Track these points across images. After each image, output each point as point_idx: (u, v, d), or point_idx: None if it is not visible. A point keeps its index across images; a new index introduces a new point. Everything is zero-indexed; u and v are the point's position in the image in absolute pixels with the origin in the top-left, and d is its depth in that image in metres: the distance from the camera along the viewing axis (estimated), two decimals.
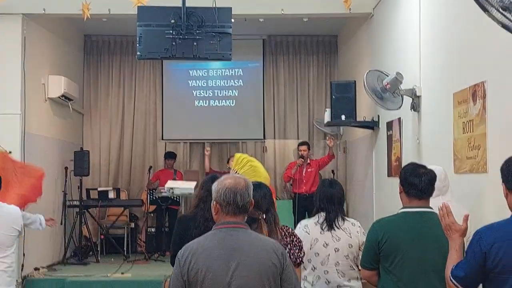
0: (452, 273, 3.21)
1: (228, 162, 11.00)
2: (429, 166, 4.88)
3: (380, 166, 8.47)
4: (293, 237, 4.18)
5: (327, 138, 10.36)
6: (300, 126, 12.54)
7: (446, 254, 3.84)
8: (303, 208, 9.93)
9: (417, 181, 3.99)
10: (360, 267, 4.39)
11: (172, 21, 6.85)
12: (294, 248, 4.16)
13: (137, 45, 6.93)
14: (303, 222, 5.05)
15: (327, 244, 4.86)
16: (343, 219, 4.95)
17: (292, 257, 4.04)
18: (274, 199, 4.44)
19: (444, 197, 4.65)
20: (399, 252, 3.93)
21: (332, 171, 11.38)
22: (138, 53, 6.96)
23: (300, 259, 4.21)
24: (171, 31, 6.86)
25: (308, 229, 4.91)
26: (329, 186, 4.97)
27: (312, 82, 12.58)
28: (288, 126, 12.56)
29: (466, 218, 3.36)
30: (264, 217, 4.03)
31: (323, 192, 4.96)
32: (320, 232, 4.88)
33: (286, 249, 3.97)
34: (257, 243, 3.10)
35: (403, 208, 4.08)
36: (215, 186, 3.18)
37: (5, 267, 5.36)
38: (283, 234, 4.11)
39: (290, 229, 4.28)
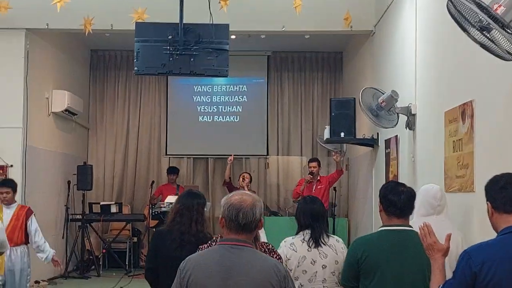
0: None
1: (239, 179, 10.93)
2: (427, 185, 4.88)
3: (379, 184, 8.39)
4: (273, 253, 4.18)
5: (333, 153, 10.32)
6: (304, 142, 12.54)
7: (425, 273, 3.83)
8: None
9: (396, 199, 3.98)
10: (340, 285, 4.38)
11: (170, 37, 6.89)
12: None
13: (135, 60, 6.99)
14: (288, 240, 5.01)
15: (314, 261, 4.85)
16: (328, 236, 4.93)
17: None
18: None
19: (438, 216, 4.61)
20: (378, 270, 3.92)
21: (334, 188, 11.33)
22: (136, 68, 7.01)
23: None
24: (168, 47, 6.90)
25: (295, 246, 4.89)
26: (312, 203, 4.97)
27: (317, 99, 12.60)
28: (291, 142, 12.57)
29: (448, 238, 3.33)
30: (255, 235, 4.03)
31: (306, 209, 4.94)
32: (307, 250, 4.86)
33: None
34: (258, 263, 3.05)
35: (382, 226, 4.07)
36: (223, 201, 3.17)
37: None
38: (263, 250, 4.10)
39: (270, 245, 4.28)
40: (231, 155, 10.64)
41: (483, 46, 3.59)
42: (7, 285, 7.00)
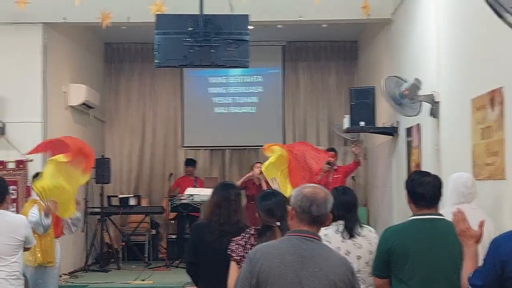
0: (470, 282, 3.14)
1: (252, 168, 10.97)
2: (458, 173, 4.85)
3: (400, 173, 8.41)
4: None
5: (353, 146, 10.28)
6: (320, 132, 12.51)
7: (457, 262, 3.80)
8: None
9: (424, 192, 3.97)
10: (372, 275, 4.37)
11: (190, 28, 6.88)
12: None
13: (155, 53, 6.97)
14: (322, 231, 5.01)
15: (349, 252, 4.83)
16: (361, 226, 4.93)
17: None
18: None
19: (469, 204, 4.60)
20: (409, 260, 3.90)
21: (353, 177, 11.30)
22: (156, 61, 7.00)
23: None
24: (188, 39, 6.89)
25: (329, 238, 4.87)
26: (343, 194, 4.95)
27: (332, 88, 12.55)
28: (308, 132, 12.54)
29: (481, 224, 3.30)
30: (279, 224, 4.02)
31: (339, 200, 4.93)
32: (342, 241, 4.85)
33: None
34: (331, 257, 3.07)
35: (412, 216, 4.05)
36: (294, 192, 3.17)
37: (5, 276, 5.35)
38: None
39: None
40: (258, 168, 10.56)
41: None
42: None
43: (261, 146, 12.31)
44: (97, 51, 12.22)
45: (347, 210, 4.89)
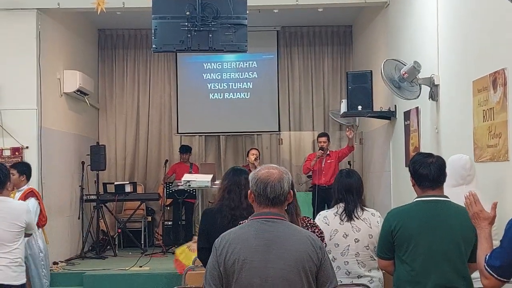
0: (488, 263, 3.14)
1: (247, 155, 11.01)
2: (456, 155, 4.85)
3: (398, 156, 8.41)
4: (314, 228, 4.16)
5: (347, 129, 10.27)
6: (316, 117, 12.49)
7: (458, 244, 3.82)
8: (322, 199, 9.85)
9: (427, 172, 3.98)
10: (377, 257, 4.38)
11: (187, 13, 6.79)
12: None
13: (153, 37, 6.87)
14: (322, 213, 5.05)
15: (346, 235, 4.85)
16: (362, 210, 4.94)
17: None
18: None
19: (468, 186, 4.61)
20: (412, 241, 3.92)
21: (349, 162, 11.30)
22: (154, 45, 6.91)
23: None
24: (186, 23, 6.80)
25: (328, 220, 4.91)
26: (347, 177, 4.96)
27: (327, 73, 12.52)
28: (303, 117, 12.52)
29: (494, 206, 3.32)
30: (286, 207, 4.00)
31: (341, 183, 4.95)
32: (340, 223, 4.87)
33: None
34: (295, 235, 3.06)
35: (417, 197, 4.06)
36: (250, 175, 3.17)
37: (8, 263, 5.34)
38: (304, 225, 4.09)
39: (311, 220, 4.27)
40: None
41: None
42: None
43: (256, 132, 12.46)
44: (91, 37, 12.12)
45: (348, 192, 4.92)
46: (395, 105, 8.48)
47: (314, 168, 10.30)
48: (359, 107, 8.64)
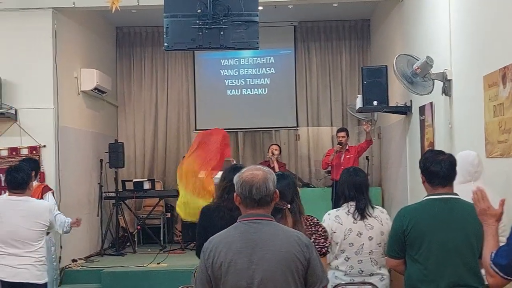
0: (493, 261, 3.09)
1: (268, 151, 11.01)
2: (464, 152, 4.81)
3: (414, 152, 8.35)
4: (318, 227, 4.15)
5: (364, 123, 10.21)
6: (334, 112, 12.44)
7: (471, 242, 3.77)
8: None
9: (438, 170, 3.94)
10: (386, 256, 4.33)
11: (198, 10, 6.80)
12: (319, 238, 4.13)
13: (164, 36, 6.91)
14: (333, 213, 4.99)
15: (360, 234, 4.83)
16: (372, 207, 4.92)
17: (317, 246, 4.01)
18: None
19: (475, 182, 4.57)
20: (425, 240, 3.88)
21: (367, 158, 11.25)
22: (166, 44, 6.93)
23: (326, 248, 4.18)
24: (197, 21, 6.81)
25: (340, 219, 4.87)
26: (355, 175, 4.93)
27: (345, 68, 12.46)
28: (321, 113, 12.48)
29: (502, 203, 3.26)
30: (289, 207, 4.00)
31: (350, 181, 4.91)
32: (353, 222, 4.85)
33: (311, 238, 3.93)
34: (279, 236, 3.05)
35: (427, 195, 4.01)
36: (235, 178, 3.16)
37: (33, 261, 5.43)
38: (307, 224, 4.08)
39: (315, 219, 4.26)
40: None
41: None
42: None
43: (275, 128, 12.45)
44: (108, 35, 12.19)
45: (358, 191, 4.89)
46: (411, 100, 8.42)
47: (333, 163, 10.26)
48: (375, 102, 8.58)
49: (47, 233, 6.07)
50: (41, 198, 7.07)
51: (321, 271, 3.09)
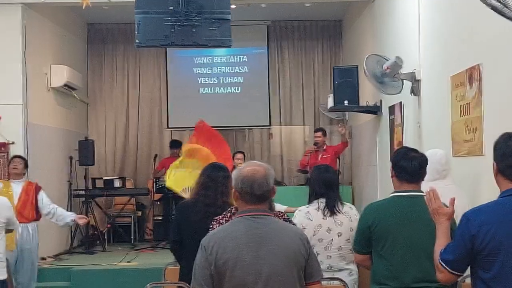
0: (441, 257, 3.17)
1: (233, 158, 10.87)
2: (431, 150, 4.86)
3: (384, 151, 8.42)
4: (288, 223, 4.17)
5: (338, 125, 10.26)
6: (306, 111, 12.49)
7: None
8: None
9: (407, 165, 3.97)
10: (353, 251, 4.38)
11: (171, 8, 6.78)
12: None
13: (136, 32, 6.88)
14: (303, 209, 5.02)
15: (330, 230, 4.87)
16: (342, 204, 4.96)
17: None
18: None
19: (444, 181, 4.63)
20: (390, 237, 3.92)
21: (338, 156, 11.31)
22: (137, 40, 6.90)
23: None
24: (169, 18, 6.79)
25: (311, 215, 4.90)
26: (326, 172, 4.97)
27: (318, 67, 12.53)
28: (294, 112, 12.53)
29: (452, 202, 3.33)
30: None
31: (320, 178, 4.95)
32: (323, 218, 4.88)
33: None
34: (284, 231, 3.10)
35: (394, 192, 4.05)
36: (234, 174, 3.17)
37: None
38: None
39: (285, 215, 4.29)
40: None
41: (493, 8, 3.51)
42: (18, 263, 7.00)
43: (248, 126, 12.45)
44: (80, 32, 12.10)
45: (328, 187, 4.93)
46: (381, 100, 8.49)
47: (310, 163, 10.27)
48: (346, 102, 8.65)
49: (10, 230, 6.00)
50: (36, 197, 7.05)
51: (318, 264, 3.17)
